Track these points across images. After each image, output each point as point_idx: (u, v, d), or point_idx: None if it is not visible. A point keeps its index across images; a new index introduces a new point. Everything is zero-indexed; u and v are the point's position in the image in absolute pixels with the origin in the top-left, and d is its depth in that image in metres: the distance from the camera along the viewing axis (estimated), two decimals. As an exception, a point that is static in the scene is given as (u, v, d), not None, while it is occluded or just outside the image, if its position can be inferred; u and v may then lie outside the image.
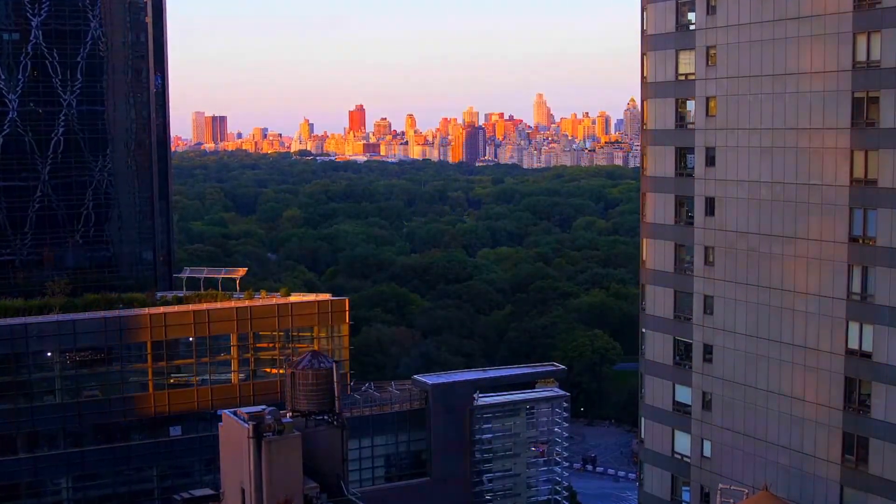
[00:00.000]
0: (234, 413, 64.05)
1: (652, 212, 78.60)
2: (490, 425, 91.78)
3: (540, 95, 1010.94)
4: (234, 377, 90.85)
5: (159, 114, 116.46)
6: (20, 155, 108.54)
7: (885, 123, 62.31)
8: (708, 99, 73.26)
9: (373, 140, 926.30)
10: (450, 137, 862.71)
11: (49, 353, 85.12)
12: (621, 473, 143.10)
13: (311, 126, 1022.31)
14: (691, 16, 74.47)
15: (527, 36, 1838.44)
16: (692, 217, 75.25)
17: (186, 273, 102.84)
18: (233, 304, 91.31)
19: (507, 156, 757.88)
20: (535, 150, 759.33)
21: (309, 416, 63.44)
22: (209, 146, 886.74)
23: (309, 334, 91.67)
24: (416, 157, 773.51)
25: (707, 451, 74.66)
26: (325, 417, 63.87)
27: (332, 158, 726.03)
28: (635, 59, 79.57)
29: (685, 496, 76.93)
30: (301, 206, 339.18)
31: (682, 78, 75.33)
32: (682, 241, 76.27)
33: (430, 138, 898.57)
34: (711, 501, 72.96)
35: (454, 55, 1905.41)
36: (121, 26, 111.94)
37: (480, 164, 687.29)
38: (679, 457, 77.25)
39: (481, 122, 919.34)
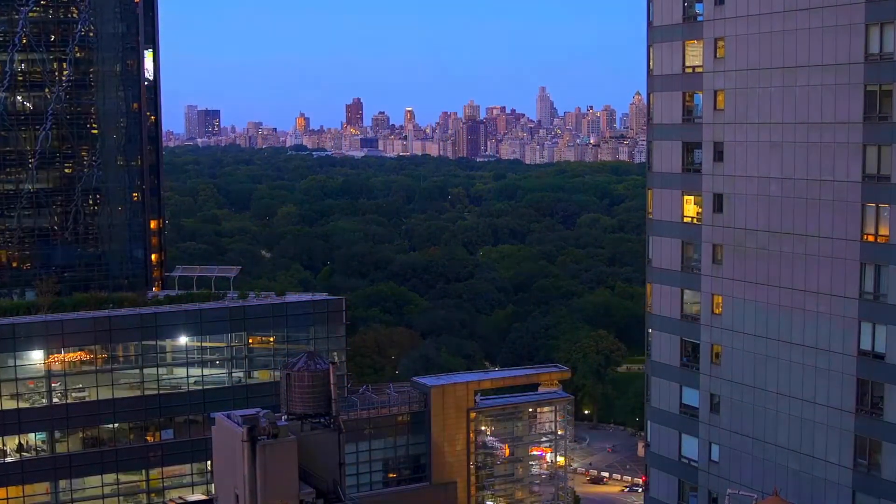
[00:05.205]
0: (228, 416, 63.01)
1: (658, 208, 77.46)
2: (492, 428, 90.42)
3: (542, 89, 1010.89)
4: (227, 379, 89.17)
5: (150, 107, 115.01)
6: (7, 150, 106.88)
7: (898, 117, 61.11)
8: (716, 92, 72.30)
9: (371, 135, 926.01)
10: (450, 132, 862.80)
11: (37, 354, 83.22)
12: (626, 478, 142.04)
13: (307, 120, 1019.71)
14: (699, 7, 73.71)
15: (529, 27, 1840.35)
16: (700, 214, 73.95)
17: (178, 272, 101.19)
18: (226, 303, 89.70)
19: (508, 151, 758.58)
20: (538, 144, 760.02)
21: (305, 419, 62.29)
22: (202, 141, 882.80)
23: (305, 335, 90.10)
24: (415, 152, 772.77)
25: (715, 456, 73.82)
26: (322, 420, 62.63)
27: (329, 153, 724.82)
28: (641, 51, 78.47)
29: (692, 501, 76.09)
30: (296, 202, 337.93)
31: (690, 70, 74.41)
32: (689, 238, 75.14)
33: (429, 133, 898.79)
34: (719, 507, 71.84)
35: (454, 47, 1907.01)
36: (111, 17, 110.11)
37: (481, 159, 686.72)
38: (686, 461, 76.31)
39: (482, 116, 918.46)
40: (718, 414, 73.18)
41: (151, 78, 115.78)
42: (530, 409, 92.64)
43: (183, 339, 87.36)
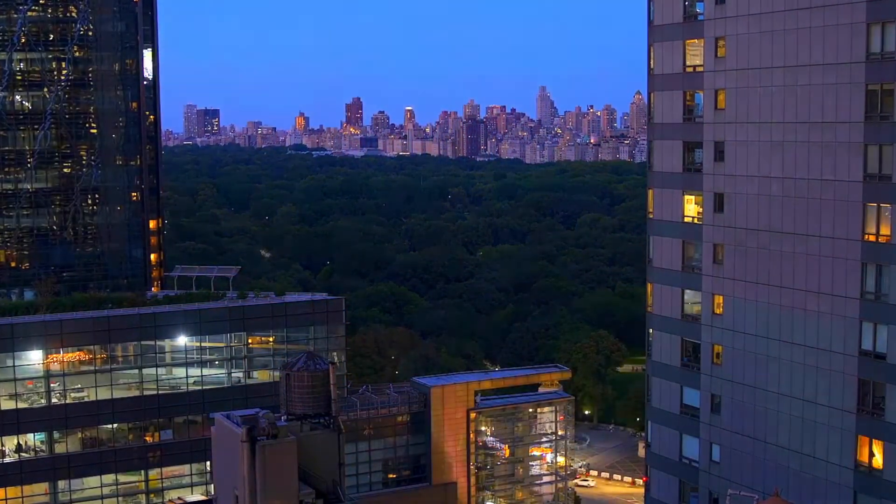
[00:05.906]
0: (227, 416, 63.21)
1: (659, 208, 77.26)
2: (492, 429, 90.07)
3: (542, 88, 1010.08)
4: (227, 379, 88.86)
5: (149, 107, 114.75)
6: (6, 149, 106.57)
7: (900, 117, 61.03)
8: (717, 92, 72.24)
9: (370, 134, 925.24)
10: (450, 131, 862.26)
11: (36, 354, 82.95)
12: (627, 479, 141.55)
13: (306, 120, 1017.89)
14: (700, 6, 73.68)
15: (529, 26, 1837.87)
16: (700, 213, 73.75)
17: (178, 272, 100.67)
18: (226, 303, 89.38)
19: (508, 150, 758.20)
20: (538, 144, 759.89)
21: (304, 419, 62.53)
22: (201, 140, 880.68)
23: (304, 335, 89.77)
24: (415, 151, 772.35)
25: (716, 456, 73.68)
26: (322, 421, 62.88)
27: (329, 153, 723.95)
28: (642, 51, 78.13)
29: (693, 502, 75.81)
30: (296, 202, 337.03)
31: (690, 70, 74.25)
32: (689, 238, 74.86)
33: (429, 132, 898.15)
34: (720, 508, 71.62)
35: (454, 46, 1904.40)
36: (110, 16, 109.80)
37: (481, 158, 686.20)
38: (687, 461, 76.15)
39: (482, 115, 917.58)
40: (719, 414, 73.01)
41: (150, 77, 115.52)
42: (531, 410, 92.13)
43: (182, 340, 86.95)
